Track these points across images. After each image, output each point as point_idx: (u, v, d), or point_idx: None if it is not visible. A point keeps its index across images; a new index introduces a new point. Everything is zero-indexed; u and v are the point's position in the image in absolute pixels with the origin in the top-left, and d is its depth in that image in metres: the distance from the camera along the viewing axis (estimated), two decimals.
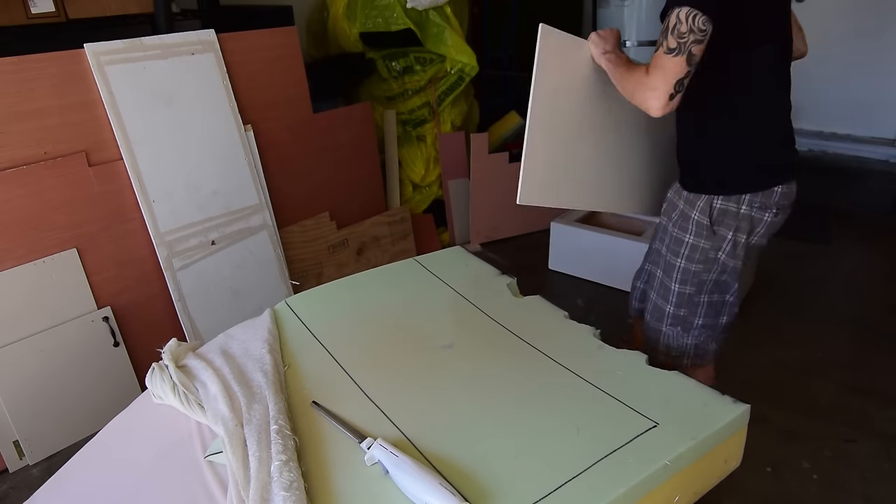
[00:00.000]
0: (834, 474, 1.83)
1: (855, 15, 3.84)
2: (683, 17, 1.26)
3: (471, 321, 1.60)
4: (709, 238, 1.52)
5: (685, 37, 1.27)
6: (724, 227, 1.50)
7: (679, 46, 1.28)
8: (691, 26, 1.26)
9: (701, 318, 1.61)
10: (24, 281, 1.92)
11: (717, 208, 1.49)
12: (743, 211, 1.48)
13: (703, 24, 1.25)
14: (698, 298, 1.59)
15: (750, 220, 1.49)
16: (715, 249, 1.52)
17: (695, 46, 1.27)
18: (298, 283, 2.58)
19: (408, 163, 3.23)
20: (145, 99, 2.10)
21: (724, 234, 1.50)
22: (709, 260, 1.54)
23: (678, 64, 1.28)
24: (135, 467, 1.29)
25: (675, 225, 1.57)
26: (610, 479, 1.08)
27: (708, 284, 1.57)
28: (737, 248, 1.52)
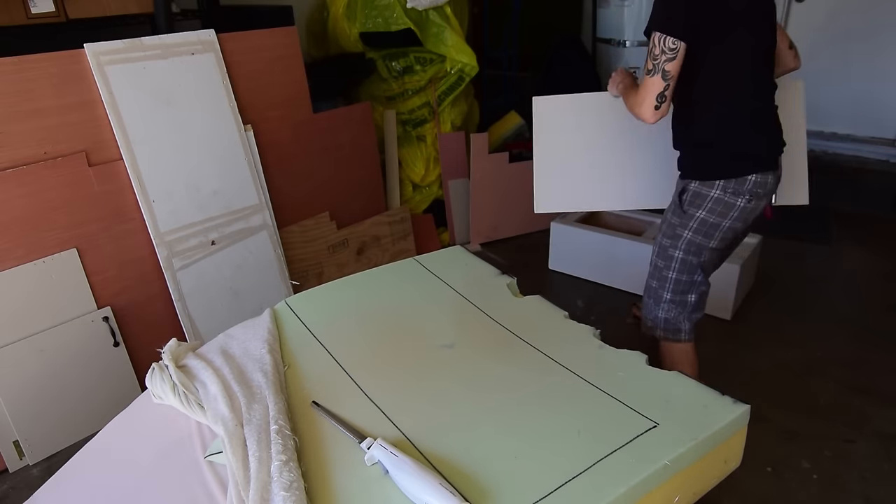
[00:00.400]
0: (834, 474, 1.83)
1: (855, 15, 3.84)
2: (657, 40, 1.50)
3: (471, 321, 1.60)
4: (677, 215, 1.70)
5: (658, 58, 1.51)
6: (694, 206, 1.66)
7: (654, 67, 1.52)
8: (662, 48, 1.49)
9: (668, 293, 1.76)
10: (24, 281, 1.92)
11: (691, 191, 1.66)
12: (715, 195, 1.63)
13: (671, 44, 1.49)
14: (667, 273, 1.75)
15: (723, 204, 1.63)
16: (682, 227, 1.69)
17: (668, 64, 1.50)
18: (298, 283, 2.58)
19: (408, 163, 3.23)
20: (145, 99, 2.10)
21: (693, 213, 1.66)
22: (676, 236, 1.71)
23: (655, 82, 1.52)
24: (135, 467, 1.29)
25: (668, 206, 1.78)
26: (610, 480, 1.08)
27: (675, 261, 1.73)
28: (704, 226, 1.66)
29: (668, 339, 1.81)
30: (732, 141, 1.63)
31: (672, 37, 1.48)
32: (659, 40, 1.49)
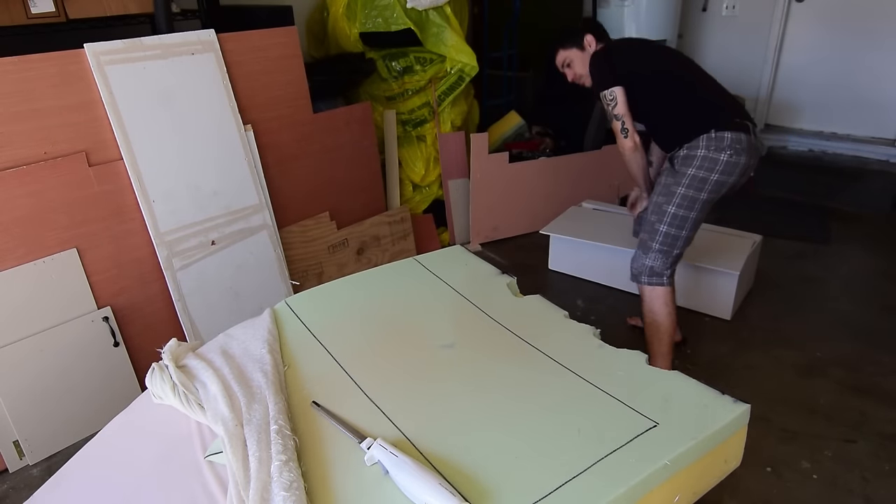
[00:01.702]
0: (834, 474, 1.83)
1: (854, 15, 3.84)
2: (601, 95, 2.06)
3: (471, 321, 1.60)
4: (671, 175, 2.00)
5: (609, 105, 2.05)
6: (685, 166, 1.96)
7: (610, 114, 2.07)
8: (607, 99, 2.04)
9: (657, 244, 2.00)
10: (24, 281, 1.92)
11: (681, 155, 1.99)
12: (701, 153, 1.93)
13: (610, 95, 2.03)
14: (658, 226, 1.99)
15: (710, 160, 1.92)
16: (676, 184, 1.96)
17: (616, 108, 2.03)
18: (298, 283, 2.58)
19: (408, 163, 3.23)
20: (145, 99, 2.10)
21: (685, 171, 1.96)
22: (670, 193, 1.98)
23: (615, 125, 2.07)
24: (135, 467, 1.29)
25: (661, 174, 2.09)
26: (610, 479, 1.08)
27: (667, 216, 1.97)
28: (695, 181, 1.94)
29: (651, 284, 2.04)
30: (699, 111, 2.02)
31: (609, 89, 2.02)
32: (603, 95, 2.04)
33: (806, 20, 4.00)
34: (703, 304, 2.63)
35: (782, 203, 3.72)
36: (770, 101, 4.28)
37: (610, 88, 2.02)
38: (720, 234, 2.77)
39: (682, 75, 2.11)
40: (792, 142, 4.21)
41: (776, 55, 4.13)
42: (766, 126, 4.34)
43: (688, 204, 1.96)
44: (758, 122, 4.31)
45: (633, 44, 2.36)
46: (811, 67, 4.06)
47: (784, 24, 4.05)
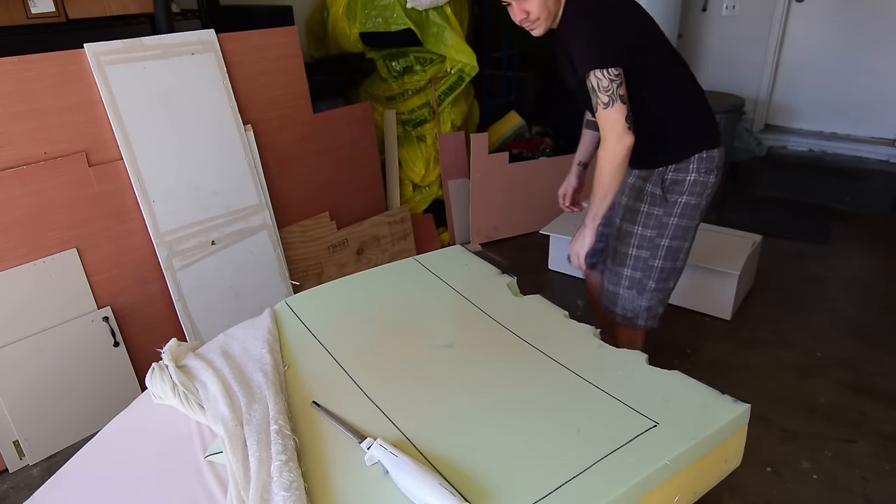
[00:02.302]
0: (834, 474, 1.83)
1: (854, 14, 3.84)
2: (600, 74, 1.51)
3: (471, 321, 1.60)
4: (660, 206, 1.72)
5: (609, 88, 1.52)
6: (675, 193, 1.70)
7: (609, 98, 1.53)
8: (610, 77, 1.52)
9: (653, 282, 1.77)
10: (24, 281, 1.92)
11: (670, 179, 1.70)
12: (692, 178, 1.68)
13: (615, 71, 1.52)
14: (653, 262, 1.76)
15: (700, 185, 1.69)
16: (668, 215, 1.72)
17: (620, 89, 1.53)
18: (298, 283, 2.58)
19: (408, 163, 3.23)
20: (145, 99, 2.10)
21: (676, 199, 1.70)
22: (662, 225, 1.73)
23: (617, 109, 1.53)
24: (135, 467, 1.29)
25: (630, 197, 1.77)
26: (610, 479, 1.08)
27: (662, 250, 1.74)
28: (687, 209, 1.71)
29: (648, 325, 1.85)
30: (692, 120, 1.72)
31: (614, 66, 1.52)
32: (603, 73, 1.52)
33: (806, 20, 4.00)
34: (703, 304, 2.63)
35: (782, 203, 3.72)
36: (770, 101, 4.27)
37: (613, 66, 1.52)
38: (720, 234, 2.77)
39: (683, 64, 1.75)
40: (792, 142, 4.21)
41: (776, 55, 4.13)
42: (766, 126, 4.33)
43: (682, 234, 1.74)
44: (758, 122, 4.31)
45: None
46: (811, 67, 4.06)
47: (784, 24, 4.05)
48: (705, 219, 2.01)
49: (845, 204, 3.66)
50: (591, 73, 1.52)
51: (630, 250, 1.77)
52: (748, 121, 4.20)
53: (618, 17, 1.60)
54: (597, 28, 1.55)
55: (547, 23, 1.61)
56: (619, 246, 1.80)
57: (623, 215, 1.79)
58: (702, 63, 4.37)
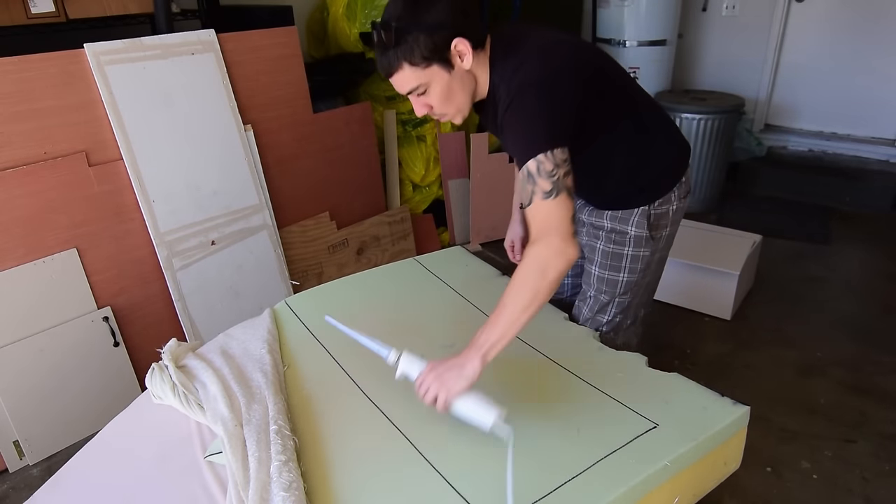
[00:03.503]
0: (834, 474, 1.83)
1: (854, 14, 3.84)
2: (544, 158, 1.15)
3: (471, 321, 1.59)
4: (647, 247, 1.48)
5: (554, 173, 1.15)
6: (661, 228, 1.49)
7: (553, 186, 1.15)
8: (556, 162, 1.15)
9: (630, 319, 1.60)
10: (24, 281, 1.92)
11: (653, 214, 1.46)
12: (674, 207, 1.47)
13: (561, 154, 1.16)
14: (633, 300, 1.57)
15: (679, 212, 1.51)
16: (654, 252, 1.51)
17: (567, 179, 1.16)
18: (298, 283, 2.58)
19: (408, 163, 3.22)
20: (145, 99, 2.10)
21: (661, 235, 1.50)
22: (649, 264, 1.52)
23: (561, 205, 1.15)
24: (135, 468, 1.29)
25: (610, 241, 1.51)
26: (609, 480, 1.08)
27: (641, 288, 1.56)
28: (670, 240, 1.55)
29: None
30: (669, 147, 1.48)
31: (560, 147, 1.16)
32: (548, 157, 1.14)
33: (806, 20, 4.00)
34: (703, 304, 2.64)
35: (782, 203, 3.72)
36: (770, 101, 4.27)
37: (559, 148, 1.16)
38: (720, 234, 2.77)
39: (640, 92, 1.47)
40: (792, 142, 4.21)
41: (776, 55, 4.13)
42: (766, 126, 4.33)
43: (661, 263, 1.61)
44: (757, 122, 4.31)
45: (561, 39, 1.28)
46: (811, 67, 4.06)
47: (784, 24, 4.05)
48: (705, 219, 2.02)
49: (845, 204, 3.66)
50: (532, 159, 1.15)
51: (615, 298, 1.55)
52: (748, 121, 4.19)
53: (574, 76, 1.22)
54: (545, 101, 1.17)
55: (461, 114, 1.29)
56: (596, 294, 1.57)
57: (600, 261, 1.54)
58: (702, 63, 4.37)
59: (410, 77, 1.21)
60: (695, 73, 4.41)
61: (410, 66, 1.19)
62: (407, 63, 1.19)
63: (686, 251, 2.58)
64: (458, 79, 1.23)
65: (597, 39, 3.99)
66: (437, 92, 1.23)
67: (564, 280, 1.69)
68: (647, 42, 3.74)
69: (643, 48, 3.74)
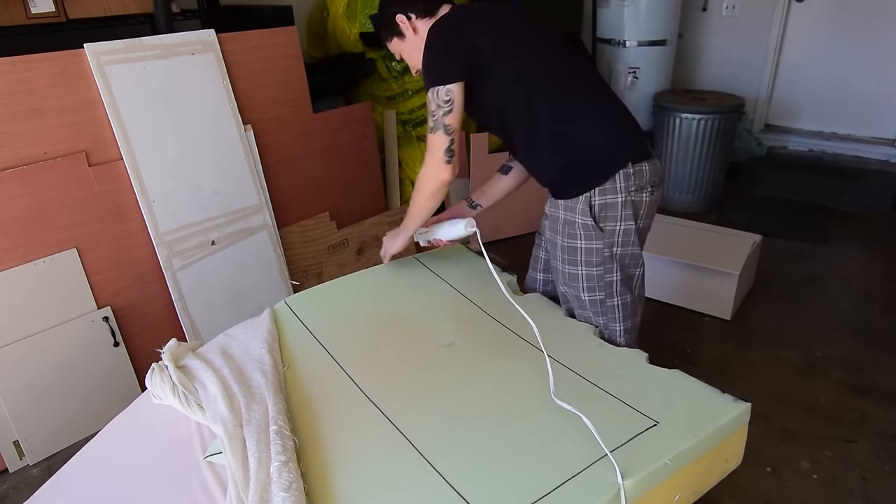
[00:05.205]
0: (834, 474, 1.83)
1: (854, 15, 3.84)
2: (431, 96, 1.42)
3: (471, 319, 1.60)
4: (598, 237, 1.50)
5: (435, 113, 1.42)
6: (610, 221, 1.48)
7: (434, 123, 1.43)
8: (438, 102, 1.40)
9: (621, 323, 1.57)
10: (24, 281, 1.92)
11: (597, 205, 1.47)
12: (621, 199, 1.46)
13: (445, 94, 1.40)
14: (612, 301, 1.55)
15: (632, 205, 1.48)
16: (608, 246, 1.50)
17: (447, 118, 1.41)
18: (298, 283, 2.58)
19: (408, 163, 3.23)
20: (145, 99, 2.10)
21: (613, 228, 1.49)
22: (606, 258, 1.51)
23: (438, 138, 1.45)
24: (135, 468, 1.29)
25: (565, 235, 1.54)
26: (609, 478, 1.08)
27: (616, 285, 1.54)
28: (628, 236, 1.50)
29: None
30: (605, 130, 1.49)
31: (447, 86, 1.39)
32: (433, 95, 1.41)
33: (806, 20, 4.00)
34: (703, 304, 2.63)
35: (782, 203, 3.72)
36: (770, 101, 4.27)
37: (445, 86, 1.40)
38: (720, 234, 2.77)
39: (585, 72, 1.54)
40: (792, 142, 4.21)
41: (776, 55, 4.13)
42: (766, 126, 4.33)
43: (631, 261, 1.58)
44: (757, 122, 4.31)
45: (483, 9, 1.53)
46: (811, 67, 4.06)
47: (784, 24, 4.05)
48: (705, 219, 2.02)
49: (845, 204, 3.66)
50: (428, 91, 1.42)
51: (581, 295, 1.57)
52: (748, 121, 4.19)
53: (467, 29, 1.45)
54: (436, 43, 1.44)
55: None
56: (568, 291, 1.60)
57: (561, 256, 1.58)
58: (702, 63, 4.37)
59: (390, 48, 1.68)
60: (695, 73, 4.41)
61: (387, 41, 1.66)
62: (386, 41, 1.66)
63: (686, 251, 2.58)
64: (412, 43, 1.59)
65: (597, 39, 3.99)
66: (406, 56, 1.65)
67: (535, 276, 1.86)
68: (647, 42, 3.74)
69: (643, 48, 3.74)
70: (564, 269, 1.58)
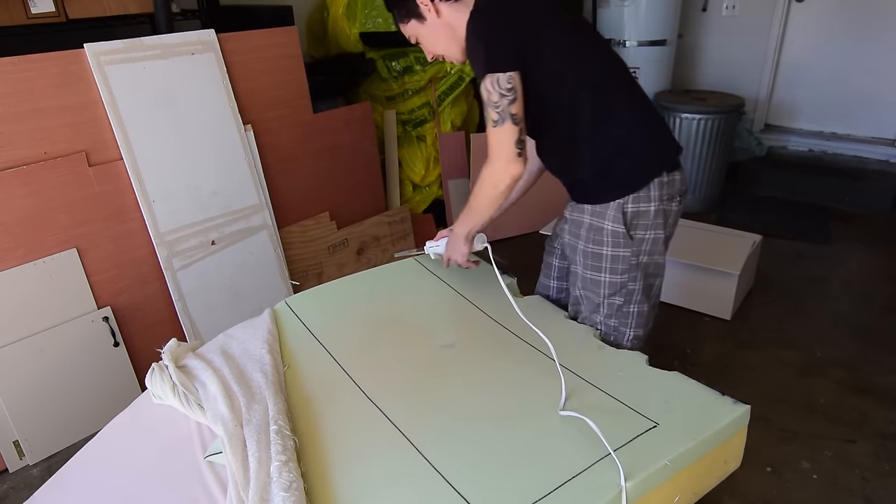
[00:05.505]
0: (834, 474, 1.83)
1: (854, 14, 3.84)
2: (491, 85, 1.32)
3: (471, 321, 1.60)
4: (627, 245, 1.47)
5: (499, 104, 1.32)
6: (641, 229, 1.46)
7: (499, 115, 1.33)
8: (500, 91, 1.31)
9: (632, 330, 1.57)
10: (24, 281, 1.92)
11: (630, 212, 1.44)
12: (654, 208, 1.44)
13: (507, 82, 1.31)
14: (628, 308, 1.54)
15: (663, 214, 1.46)
16: (636, 254, 1.48)
17: (513, 107, 1.32)
18: (298, 283, 2.58)
19: (408, 163, 3.23)
20: (145, 99, 2.10)
21: (642, 236, 1.47)
22: (632, 266, 1.49)
23: (507, 130, 1.34)
24: (135, 467, 1.29)
25: (589, 241, 1.51)
26: (609, 479, 1.08)
27: (637, 293, 1.53)
28: (657, 245, 1.49)
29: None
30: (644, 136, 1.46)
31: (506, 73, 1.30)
32: (492, 84, 1.31)
33: (806, 20, 4.00)
34: (703, 304, 2.63)
35: (782, 203, 3.72)
36: (770, 101, 4.27)
37: (505, 73, 1.31)
38: (720, 234, 2.77)
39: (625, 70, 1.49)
40: (792, 142, 4.21)
41: (776, 55, 4.13)
42: (766, 126, 4.33)
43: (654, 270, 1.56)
44: (757, 122, 4.31)
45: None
46: (811, 67, 4.06)
47: (784, 24, 4.05)
48: (705, 219, 2.02)
49: (845, 204, 3.66)
50: (482, 81, 1.33)
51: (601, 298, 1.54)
52: (748, 121, 4.19)
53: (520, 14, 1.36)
54: (489, 27, 1.34)
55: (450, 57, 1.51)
56: (585, 293, 1.58)
57: (582, 261, 1.55)
58: (702, 63, 4.37)
59: (403, 30, 1.52)
60: (695, 73, 4.41)
61: (401, 23, 1.51)
62: (399, 21, 1.51)
63: (686, 251, 2.58)
64: (433, 28, 1.46)
65: None
66: (423, 40, 1.51)
67: (549, 283, 1.84)
68: (647, 42, 3.74)
69: (643, 48, 3.74)
70: (586, 275, 1.54)
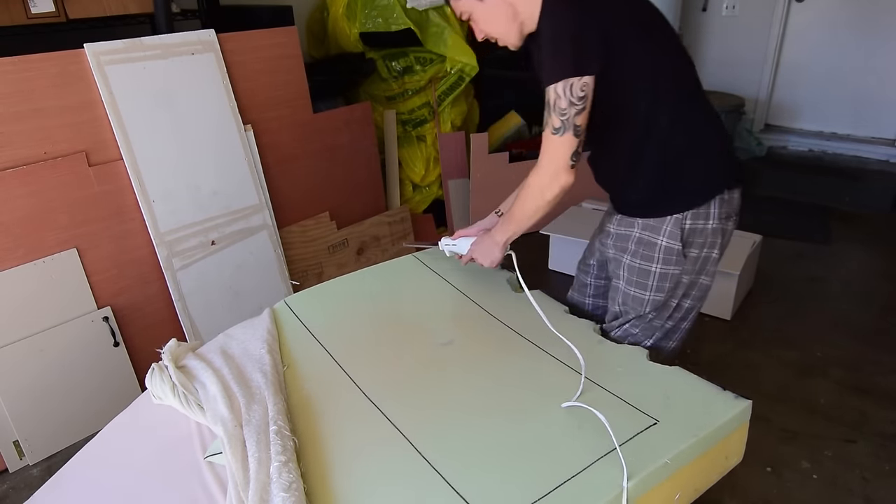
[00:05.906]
0: (834, 474, 1.83)
1: (855, 14, 3.85)
2: (560, 90, 1.20)
3: (470, 318, 1.59)
4: (679, 262, 1.40)
5: (566, 112, 1.21)
6: (695, 247, 1.40)
7: (563, 123, 1.23)
8: (571, 98, 1.20)
9: (650, 341, 1.50)
10: (24, 281, 1.92)
11: (688, 228, 1.37)
12: (712, 226, 1.38)
13: (580, 90, 1.19)
14: (658, 322, 1.48)
15: (719, 233, 1.40)
16: (687, 273, 1.42)
17: (578, 118, 1.22)
18: (298, 283, 2.58)
19: (408, 163, 3.23)
20: (145, 99, 2.10)
21: (696, 255, 1.40)
22: (680, 285, 1.43)
23: (566, 141, 1.25)
24: (135, 468, 1.29)
25: (637, 256, 1.44)
26: (610, 477, 1.08)
27: (681, 310, 1.48)
28: (707, 263, 1.43)
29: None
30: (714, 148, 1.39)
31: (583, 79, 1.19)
32: (564, 90, 1.19)
33: (806, 20, 4.00)
34: None
35: (782, 203, 3.72)
36: (770, 101, 4.28)
37: (581, 79, 1.19)
38: None
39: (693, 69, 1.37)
40: (792, 142, 4.21)
41: (776, 55, 4.13)
42: (766, 126, 4.34)
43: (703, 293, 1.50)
44: (757, 122, 4.31)
45: None
46: (811, 67, 4.06)
47: (784, 23, 4.05)
48: None
49: (845, 204, 3.66)
50: (553, 85, 1.21)
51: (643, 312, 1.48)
52: (748, 121, 4.20)
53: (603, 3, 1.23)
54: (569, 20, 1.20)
55: (507, 41, 1.36)
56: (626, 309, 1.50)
57: (626, 276, 1.47)
58: (702, 63, 4.37)
59: (455, 6, 1.36)
60: None
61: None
62: None
63: None
64: (492, 7, 1.30)
65: None
66: (477, 18, 1.35)
67: (584, 300, 1.75)
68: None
69: None
70: (629, 291, 1.46)
